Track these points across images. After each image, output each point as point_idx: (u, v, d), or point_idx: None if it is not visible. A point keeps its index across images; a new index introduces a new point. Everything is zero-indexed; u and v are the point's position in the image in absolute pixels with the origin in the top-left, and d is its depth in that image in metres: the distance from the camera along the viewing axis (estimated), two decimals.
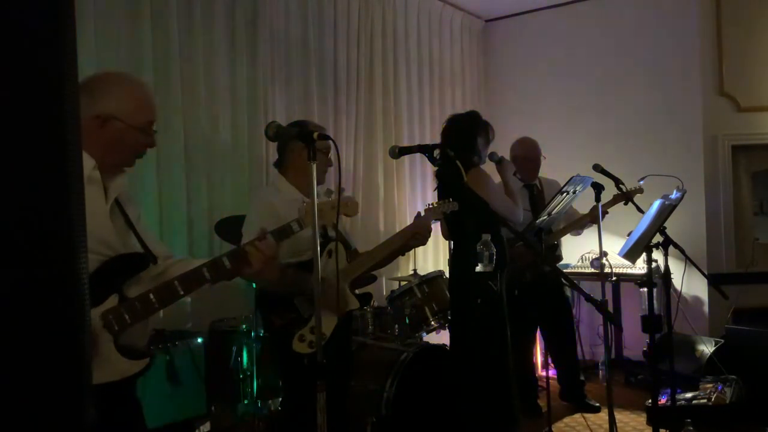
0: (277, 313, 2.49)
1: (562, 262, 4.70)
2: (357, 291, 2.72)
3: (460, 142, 3.27)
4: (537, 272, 3.73)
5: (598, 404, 4.22)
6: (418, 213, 2.76)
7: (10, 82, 0.58)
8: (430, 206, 2.74)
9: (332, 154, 2.70)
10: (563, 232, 4.19)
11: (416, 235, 2.68)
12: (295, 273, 2.44)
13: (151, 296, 1.67)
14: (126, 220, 1.76)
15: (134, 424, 1.78)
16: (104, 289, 1.65)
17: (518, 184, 4.09)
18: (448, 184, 3.25)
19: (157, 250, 1.83)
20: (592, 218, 3.87)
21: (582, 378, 4.39)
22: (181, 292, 1.71)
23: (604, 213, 3.49)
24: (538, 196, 4.24)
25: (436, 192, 3.35)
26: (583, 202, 3.92)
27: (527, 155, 4.25)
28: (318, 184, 2.45)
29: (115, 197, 1.74)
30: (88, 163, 1.65)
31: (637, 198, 3.58)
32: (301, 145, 2.38)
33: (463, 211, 2.69)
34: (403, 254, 2.96)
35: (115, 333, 1.63)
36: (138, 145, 1.76)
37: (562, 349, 4.33)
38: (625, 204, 3.80)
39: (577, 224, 4.12)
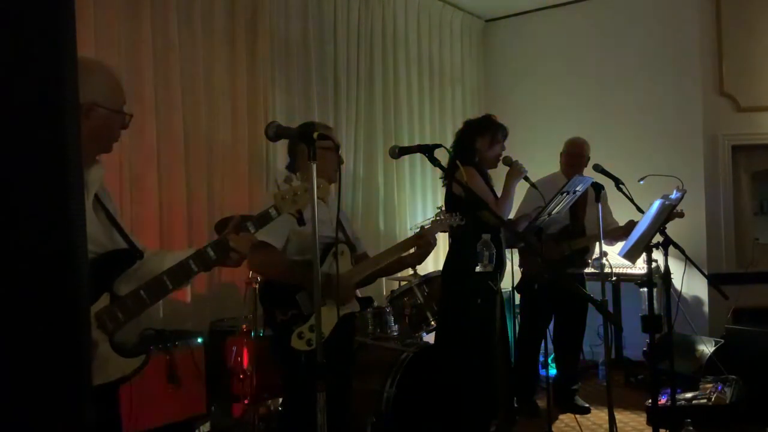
0: (279, 308, 2.49)
1: None
2: (358, 292, 2.72)
3: (461, 142, 3.49)
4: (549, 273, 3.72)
5: (587, 405, 4.19)
6: (421, 227, 2.77)
7: (9, 83, 0.58)
8: (436, 219, 2.76)
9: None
10: (595, 239, 4.13)
11: (419, 246, 2.69)
12: (304, 266, 2.44)
13: (142, 293, 1.62)
14: (107, 215, 1.69)
15: (117, 425, 1.73)
16: (96, 288, 1.58)
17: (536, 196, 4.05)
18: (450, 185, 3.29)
19: (140, 243, 1.76)
20: (625, 233, 3.80)
21: (575, 387, 4.29)
22: (171, 287, 1.66)
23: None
24: (578, 198, 4.18)
25: (440, 192, 3.37)
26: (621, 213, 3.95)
27: (573, 152, 4.25)
28: (331, 182, 2.46)
29: (94, 192, 1.66)
30: None
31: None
32: None
33: (463, 210, 2.69)
34: (413, 267, 2.96)
35: (110, 333, 1.57)
36: (117, 128, 1.70)
37: (565, 354, 4.30)
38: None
39: (609, 235, 4.01)
